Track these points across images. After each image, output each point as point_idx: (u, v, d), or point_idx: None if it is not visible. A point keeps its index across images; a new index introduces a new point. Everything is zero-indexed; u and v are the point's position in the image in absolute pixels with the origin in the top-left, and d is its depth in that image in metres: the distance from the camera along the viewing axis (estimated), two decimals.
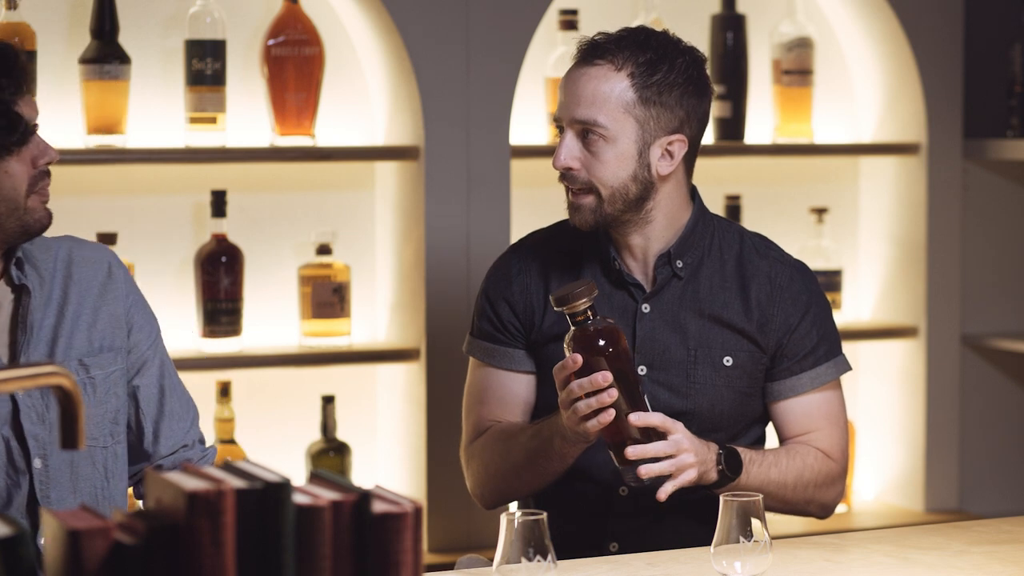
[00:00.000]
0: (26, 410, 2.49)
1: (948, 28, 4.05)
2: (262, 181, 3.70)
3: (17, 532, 1.57)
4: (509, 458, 2.75)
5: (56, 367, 1.77)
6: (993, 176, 4.19)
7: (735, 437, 2.78)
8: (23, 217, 2.46)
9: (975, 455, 4.20)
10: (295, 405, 3.73)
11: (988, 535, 2.65)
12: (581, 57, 2.71)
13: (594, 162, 2.69)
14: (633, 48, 2.69)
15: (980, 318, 4.19)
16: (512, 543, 2.20)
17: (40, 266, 2.55)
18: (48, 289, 2.54)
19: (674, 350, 2.75)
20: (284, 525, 1.61)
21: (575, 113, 2.68)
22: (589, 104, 2.67)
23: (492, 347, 2.82)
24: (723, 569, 2.28)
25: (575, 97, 2.69)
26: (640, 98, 2.68)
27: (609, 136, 2.67)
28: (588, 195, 2.70)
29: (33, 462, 2.49)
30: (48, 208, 2.49)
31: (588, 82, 2.68)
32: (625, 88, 2.67)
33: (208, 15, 3.51)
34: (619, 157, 2.68)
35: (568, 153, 2.69)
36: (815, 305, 2.80)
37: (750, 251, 2.81)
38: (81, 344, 2.55)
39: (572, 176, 2.70)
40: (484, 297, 2.85)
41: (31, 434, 2.49)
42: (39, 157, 2.46)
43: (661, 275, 2.76)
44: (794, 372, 2.78)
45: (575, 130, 2.69)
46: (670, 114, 2.70)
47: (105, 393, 2.56)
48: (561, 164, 2.69)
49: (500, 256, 2.89)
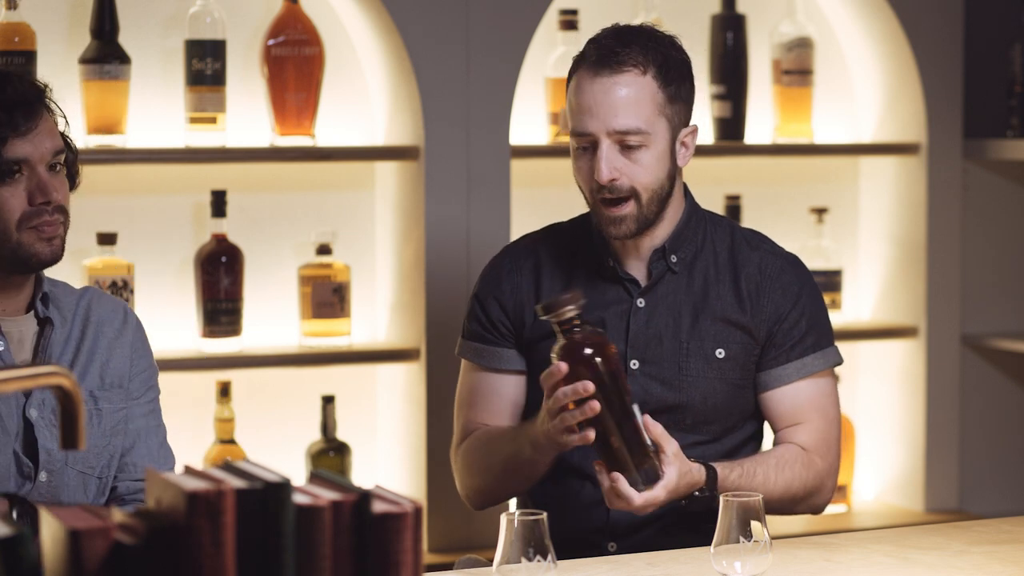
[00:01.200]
0: (40, 428, 2.53)
1: (948, 28, 4.05)
2: (262, 181, 3.70)
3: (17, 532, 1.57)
4: (490, 461, 2.78)
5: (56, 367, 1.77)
6: (993, 176, 4.19)
7: (729, 431, 2.79)
8: (16, 250, 2.50)
9: (975, 455, 4.20)
10: (295, 405, 3.73)
11: (988, 535, 2.65)
12: (602, 66, 2.68)
13: (635, 168, 2.69)
14: (647, 49, 2.70)
15: (980, 318, 4.19)
16: (512, 543, 2.20)
17: (63, 307, 2.61)
18: (68, 327, 2.61)
19: (667, 344, 2.76)
20: (284, 525, 1.61)
21: (613, 124, 2.66)
22: (627, 112, 2.66)
23: (482, 347, 2.83)
24: (723, 569, 2.28)
25: (609, 108, 2.66)
26: (667, 96, 2.70)
27: (649, 141, 2.68)
28: (628, 203, 2.69)
29: (39, 475, 2.52)
30: (50, 244, 2.52)
31: (621, 90, 2.67)
32: (655, 89, 2.68)
33: (208, 15, 3.51)
34: (658, 158, 2.70)
35: (610, 165, 2.67)
36: (805, 296, 2.80)
37: (741, 243, 2.82)
38: (93, 378, 2.61)
39: (616, 187, 2.69)
40: (475, 298, 2.86)
41: (44, 448, 2.53)
42: (35, 194, 2.50)
43: (656, 270, 2.77)
44: (781, 362, 2.78)
45: (612, 140, 2.68)
46: (685, 106, 2.74)
47: (111, 427, 2.61)
48: (607, 178, 2.67)
49: (492, 258, 2.90)
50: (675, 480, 2.55)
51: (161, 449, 2.67)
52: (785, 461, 2.74)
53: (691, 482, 2.60)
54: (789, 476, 2.73)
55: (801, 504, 2.78)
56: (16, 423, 2.53)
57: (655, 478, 2.54)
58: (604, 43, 2.70)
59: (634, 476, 2.53)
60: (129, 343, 2.65)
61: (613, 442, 2.53)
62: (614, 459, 2.54)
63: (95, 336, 2.62)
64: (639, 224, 2.72)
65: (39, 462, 2.52)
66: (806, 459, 2.76)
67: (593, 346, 2.52)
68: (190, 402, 3.61)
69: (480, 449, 2.80)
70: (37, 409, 2.54)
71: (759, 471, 2.70)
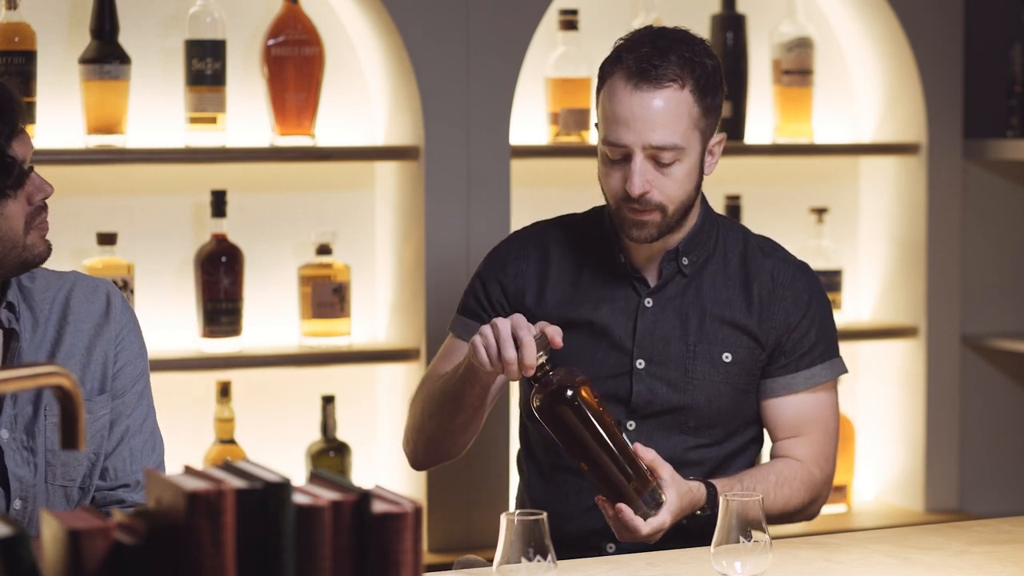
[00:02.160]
0: (10, 453, 2.45)
1: (948, 28, 4.05)
2: (262, 181, 3.70)
3: (17, 532, 1.57)
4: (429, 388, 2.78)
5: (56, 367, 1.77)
6: (993, 176, 4.19)
7: (731, 435, 2.79)
8: (22, 254, 2.44)
9: (975, 455, 4.20)
10: (295, 405, 3.73)
11: (988, 535, 2.65)
12: (642, 79, 2.66)
13: (667, 182, 2.68)
14: (684, 61, 2.68)
15: (980, 318, 4.19)
16: (512, 543, 2.20)
17: (36, 307, 2.52)
18: (42, 331, 2.51)
19: (674, 345, 2.76)
20: (284, 525, 1.61)
21: (650, 139, 2.65)
22: (664, 128, 2.65)
23: (472, 323, 2.82)
24: (723, 569, 2.28)
25: (647, 123, 2.65)
26: (702, 109, 2.69)
27: (682, 155, 2.67)
28: (654, 212, 2.69)
29: (13, 503, 2.45)
30: (47, 240, 2.47)
31: (660, 105, 2.65)
32: (692, 104, 2.67)
33: (208, 15, 3.51)
34: (689, 172, 2.69)
35: (643, 179, 2.67)
36: (816, 305, 2.80)
37: (754, 250, 2.82)
38: None
39: (646, 200, 2.68)
40: (477, 277, 2.87)
41: (15, 476, 2.45)
42: (35, 194, 2.44)
43: (667, 271, 2.77)
44: (789, 370, 2.78)
45: (647, 154, 2.67)
46: (717, 116, 2.74)
47: (91, 437, 2.52)
48: (639, 191, 2.66)
49: (501, 242, 2.91)
50: (677, 502, 2.55)
51: (145, 447, 2.57)
52: (785, 478, 2.74)
53: (692, 501, 2.60)
54: (788, 493, 2.74)
55: (796, 516, 2.80)
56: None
57: (659, 502, 2.54)
58: (643, 52, 2.68)
59: (638, 504, 2.53)
60: (113, 336, 2.55)
61: (611, 476, 2.52)
62: (615, 491, 2.53)
63: (73, 336, 2.52)
64: (661, 231, 2.71)
65: (11, 490, 2.44)
66: (805, 475, 2.76)
67: (572, 387, 2.51)
68: (190, 402, 3.61)
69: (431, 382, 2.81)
70: (8, 429, 2.45)
71: (759, 488, 2.69)
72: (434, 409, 2.75)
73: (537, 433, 2.82)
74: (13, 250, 2.43)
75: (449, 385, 2.71)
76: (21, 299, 2.51)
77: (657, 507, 2.53)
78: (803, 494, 2.76)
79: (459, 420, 2.73)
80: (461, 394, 2.68)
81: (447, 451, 2.82)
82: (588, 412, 2.50)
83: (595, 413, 2.51)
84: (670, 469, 2.56)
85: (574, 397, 2.50)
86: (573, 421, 2.50)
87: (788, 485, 2.74)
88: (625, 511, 2.51)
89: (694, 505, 2.60)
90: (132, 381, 2.57)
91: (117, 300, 2.59)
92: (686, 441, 2.74)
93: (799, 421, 2.79)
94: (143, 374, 2.60)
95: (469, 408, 2.70)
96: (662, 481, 2.54)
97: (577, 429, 2.51)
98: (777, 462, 2.77)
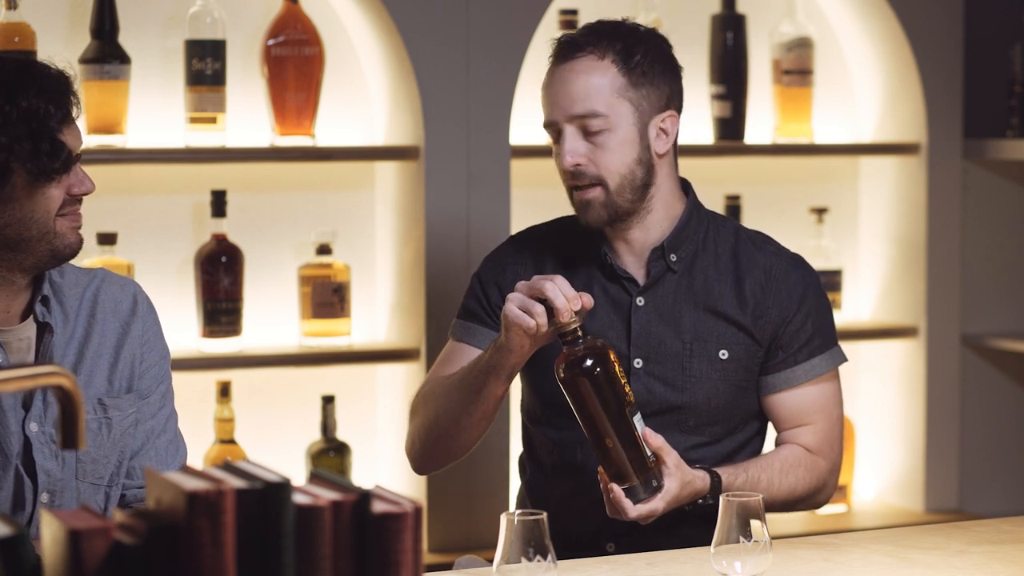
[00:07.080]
0: (39, 446, 2.48)
1: (948, 28, 4.05)
2: (262, 181, 3.70)
3: (17, 532, 1.57)
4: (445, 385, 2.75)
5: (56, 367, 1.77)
6: (993, 176, 4.19)
7: (731, 432, 2.79)
8: (53, 241, 2.45)
9: (975, 455, 4.20)
10: (295, 405, 3.73)
11: (988, 535, 2.65)
12: (561, 55, 2.73)
13: (600, 153, 2.70)
14: (607, 37, 2.72)
15: (980, 318, 4.19)
16: (512, 543, 2.20)
17: (66, 303, 2.55)
18: (71, 326, 2.54)
19: (669, 343, 2.76)
20: (284, 525, 1.61)
21: (571, 109, 2.70)
22: (584, 97, 2.69)
23: (473, 326, 2.83)
24: (723, 569, 2.28)
25: (567, 94, 2.70)
26: (629, 81, 2.71)
27: (610, 124, 2.69)
28: (595, 188, 2.71)
29: (40, 496, 2.47)
30: (79, 233, 2.49)
31: (577, 76, 2.70)
32: (614, 74, 2.70)
33: (208, 15, 3.51)
34: (623, 143, 2.70)
35: (573, 150, 2.70)
36: (811, 296, 2.80)
37: (746, 244, 2.82)
38: (100, 384, 2.54)
39: (581, 172, 2.70)
40: (476, 280, 2.87)
41: (43, 468, 2.48)
42: (75, 186, 2.47)
43: (655, 269, 2.77)
44: (789, 364, 2.78)
45: (575, 126, 2.70)
46: (658, 91, 2.73)
47: (120, 435, 2.55)
48: (570, 163, 2.69)
49: (497, 246, 2.91)
50: (675, 492, 2.55)
51: (170, 447, 2.61)
52: (789, 465, 2.74)
53: (694, 491, 2.60)
54: (793, 480, 2.74)
55: (803, 504, 2.80)
56: (18, 441, 2.47)
57: (656, 488, 2.54)
58: (568, 35, 2.75)
59: (633, 485, 2.53)
60: (139, 334, 2.58)
61: (612, 450, 2.53)
62: (614, 467, 2.54)
63: (101, 333, 2.56)
64: (609, 211, 2.72)
65: (38, 483, 2.47)
66: (810, 462, 2.77)
67: (593, 356, 2.52)
68: (190, 402, 3.61)
69: (437, 382, 2.79)
70: (37, 423, 2.48)
71: (763, 476, 2.70)
72: (450, 404, 2.75)
73: (540, 435, 2.82)
74: (45, 236, 2.44)
75: (468, 378, 2.70)
76: (51, 293, 2.54)
77: (653, 493, 2.53)
78: (809, 481, 2.76)
79: (477, 413, 2.72)
80: (484, 385, 2.68)
81: (456, 449, 2.81)
82: (602, 386, 2.51)
83: (610, 389, 2.52)
84: (676, 457, 2.56)
85: (594, 366, 2.51)
86: (587, 391, 2.51)
87: (793, 472, 2.74)
88: (615, 491, 2.52)
89: (695, 495, 2.60)
90: (157, 382, 2.61)
91: (143, 300, 2.62)
92: (686, 440, 2.74)
93: (802, 413, 2.80)
94: (167, 376, 2.64)
95: (491, 398, 2.69)
96: (665, 468, 2.55)
97: (589, 399, 2.52)
98: (782, 449, 2.78)
